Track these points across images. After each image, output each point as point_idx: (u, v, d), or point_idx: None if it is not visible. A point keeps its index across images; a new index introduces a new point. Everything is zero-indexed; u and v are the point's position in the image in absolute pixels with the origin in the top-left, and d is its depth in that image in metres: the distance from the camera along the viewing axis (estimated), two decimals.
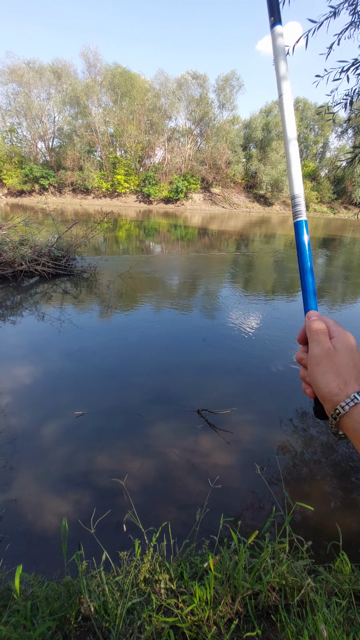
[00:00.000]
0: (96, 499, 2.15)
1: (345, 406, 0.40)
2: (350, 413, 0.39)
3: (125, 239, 14.96)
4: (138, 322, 5.19)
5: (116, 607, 1.23)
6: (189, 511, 2.06)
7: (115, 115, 38.01)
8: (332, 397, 0.42)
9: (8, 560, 1.67)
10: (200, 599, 1.20)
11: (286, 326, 5.18)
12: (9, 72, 37.69)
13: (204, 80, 39.72)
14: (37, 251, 7.21)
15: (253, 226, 23.83)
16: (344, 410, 0.40)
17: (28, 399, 3.20)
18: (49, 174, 38.85)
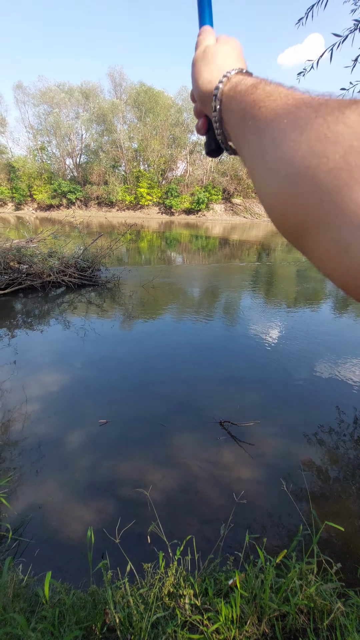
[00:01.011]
0: (119, 508, 2.17)
1: (219, 84, 0.35)
2: (224, 89, 0.34)
3: (148, 249, 15.26)
4: (160, 332, 5.25)
5: (141, 620, 1.23)
6: (212, 526, 2.03)
7: (139, 131, 39.37)
8: (210, 84, 0.37)
9: (34, 566, 1.71)
10: (225, 618, 1.18)
11: (309, 337, 5.06)
12: (41, 95, 40.09)
13: None
14: (64, 262, 7.50)
15: (275, 236, 23.62)
16: (221, 86, 0.35)
17: (54, 406, 3.29)
18: (76, 188, 40.57)
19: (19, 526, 2.04)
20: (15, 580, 1.45)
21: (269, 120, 0.26)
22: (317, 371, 4.04)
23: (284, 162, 0.24)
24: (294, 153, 0.23)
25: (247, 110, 0.30)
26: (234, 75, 0.35)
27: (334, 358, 4.39)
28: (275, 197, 0.25)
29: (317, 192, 0.21)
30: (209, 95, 0.36)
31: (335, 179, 0.20)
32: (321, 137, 0.21)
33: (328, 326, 5.70)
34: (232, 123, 0.34)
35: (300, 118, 0.23)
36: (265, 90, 0.29)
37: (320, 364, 4.22)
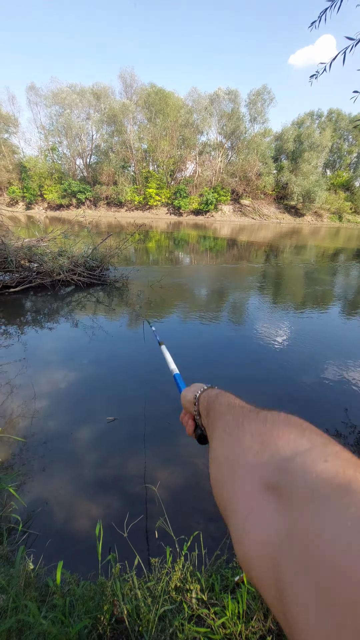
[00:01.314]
0: (126, 504, 2.20)
1: (198, 391, 0.58)
2: (201, 395, 0.56)
3: (156, 249, 15.33)
4: (167, 331, 5.28)
5: (148, 612, 1.26)
6: (218, 524, 2.04)
7: (149, 132, 39.57)
8: (194, 394, 0.59)
9: (44, 557, 1.74)
10: (232, 612, 1.20)
11: (316, 339, 5.03)
12: (53, 96, 40.56)
13: (236, 96, 40.43)
14: (73, 262, 7.59)
15: (283, 237, 23.50)
16: (198, 394, 0.57)
17: (62, 403, 3.34)
18: (86, 188, 40.90)
19: (28, 519, 2.09)
20: (26, 570, 1.49)
21: (212, 421, 0.45)
22: (324, 373, 4.02)
23: (214, 452, 0.38)
24: (219, 451, 0.36)
25: (210, 411, 0.49)
26: (209, 388, 0.58)
27: (341, 361, 4.36)
28: (212, 480, 0.36)
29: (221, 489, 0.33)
30: (192, 402, 0.59)
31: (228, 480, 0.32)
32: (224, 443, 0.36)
33: (336, 329, 5.66)
34: (203, 416, 0.53)
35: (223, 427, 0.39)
36: (219, 399, 0.49)
37: (328, 366, 4.20)
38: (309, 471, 0.24)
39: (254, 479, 0.28)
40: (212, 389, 0.58)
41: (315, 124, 44.67)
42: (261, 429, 0.32)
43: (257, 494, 0.27)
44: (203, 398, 0.55)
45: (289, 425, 0.31)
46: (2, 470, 2.46)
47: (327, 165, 49.56)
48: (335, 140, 46.02)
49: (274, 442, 0.29)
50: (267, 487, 0.27)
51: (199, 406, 0.56)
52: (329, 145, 44.10)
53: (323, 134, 42.84)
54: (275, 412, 0.35)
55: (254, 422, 0.34)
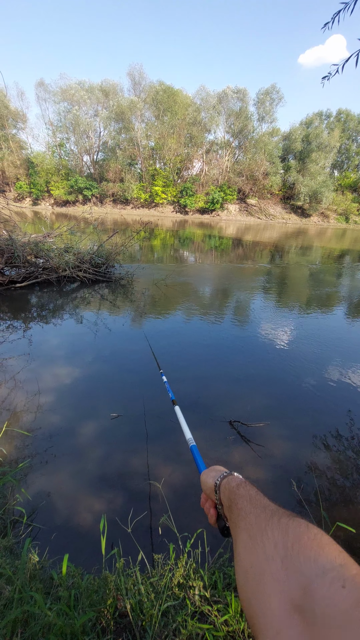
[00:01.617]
0: (129, 500, 2.21)
1: (219, 478, 0.59)
2: (222, 483, 0.57)
3: (161, 248, 15.32)
4: (171, 329, 5.29)
5: (151, 608, 1.27)
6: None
7: (156, 129, 39.48)
8: (213, 479, 0.60)
9: (48, 550, 1.76)
10: (235, 610, 1.20)
11: (321, 341, 5.01)
12: (61, 92, 40.60)
13: (244, 94, 40.21)
14: (79, 258, 7.62)
15: (289, 238, 23.38)
16: (218, 482, 0.58)
17: (66, 398, 3.36)
18: (92, 185, 40.95)
19: (32, 512, 2.11)
20: (31, 562, 1.50)
21: (235, 519, 0.46)
22: (328, 375, 4.00)
23: (239, 557, 0.39)
24: (245, 557, 0.38)
25: (232, 504, 0.50)
26: (229, 475, 0.59)
27: (346, 362, 4.34)
28: (238, 584, 0.38)
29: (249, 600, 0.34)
30: (212, 489, 0.59)
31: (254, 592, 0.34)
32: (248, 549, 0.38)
33: (341, 330, 5.64)
34: (225, 507, 0.53)
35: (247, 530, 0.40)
36: (240, 492, 0.50)
37: (331, 368, 4.18)
38: (328, 597, 0.27)
39: (280, 596, 0.31)
40: (232, 476, 0.59)
41: (324, 124, 44.32)
42: (285, 541, 0.35)
43: (284, 615, 0.29)
44: (224, 487, 0.56)
45: (310, 539, 0.34)
46: (7, 463, 2.48)
47: (334, 166, 49.19)
48: (343, 141, 45.64)
49: (297, 559, 0.32)
50: (293, 608, 0.29)
51: (220, 495, 0.57)
52: (337, 145, 43.73)
53: (331, 134, 42.50)
54: (296, 520, 0.37)
55: (276, 530, 0.37)
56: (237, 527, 0.44)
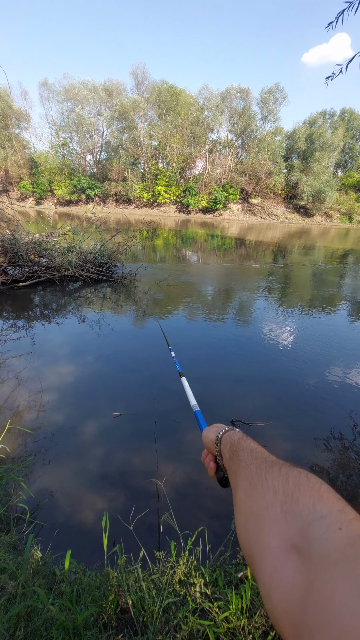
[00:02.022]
0: (131, 498, 2.22)
1: (221, 432, 0.61)
2: (223, 436, 0.60)
3: (164, 247, 15.34)
4: (174, 329, 5.30)
5: (153, 604, 1.28)
6: (221, 521, 2.06)
7: (159, 129, 39.46)
8: (215, 434, 0.63)
9: (51, 547, 1.78)
10: (235, 607, 1.21)
11: (323, 341, 5.00)
12: (65, 92, 40.67)
13: (248, 94, 40.10)
14: (82, 257, 7.64)
15: (292, 237, 23.31)
16: (220, 434, 0.61)
17: (69, 397, 3.38)
18: (95, 185, 41.00)
19: (35, 509, 2.13)
20: (34, 558, 1.52)
21: (235, 468, 0.48)
22: (330, 375, 4.00)
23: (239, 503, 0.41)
24: (244, 503, 0.40)
25: (233, 455, 0.52)
26: (230, 430, 0.61)
27: (348, 363, 4.33)
28: (238, 528, 0.40)
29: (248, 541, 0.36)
30: (214, 442, 0.62)
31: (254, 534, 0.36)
32: (248, 495, 0.40)
33: (343, 331, 5.62)
34: (225, 458, 0.56)
35: (248, 478, 0.43)
36: (241, 444, 0.53)
37: (333, 368, 4.18)
38: (324, 538, 0.28)
39: (279, 537, 0.32)
40: (233, 431, 0.61)
41: (328, 124, 44.09)
42: (284, 488, 0.36)
43: (282, 553, 0.31)
44: (225, 440, 0.58)
45: (309, 488, 0.35)
46: (10, 460, 2.50)
47: (338, 166, 48.95)
48: (347, 140, 45.41)
49: (296, 505, 0.33)
50: (290, 547, 0.31)
51: (220, 447, 0.59)
52: (341, 145, 43.51)
53: (335, 133, 42.29)
54: (296, 470, 0.39)
55: (276, 478, 0.38)
56: (238, 476, 0.46)
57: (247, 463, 0.46)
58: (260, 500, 0.37)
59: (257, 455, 0.47)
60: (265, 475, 0.40)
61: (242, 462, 0.48)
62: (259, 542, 0.34)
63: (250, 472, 0.43)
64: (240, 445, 0.52)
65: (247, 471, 0.44)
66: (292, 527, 0.32)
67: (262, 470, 0.42)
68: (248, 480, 0.42)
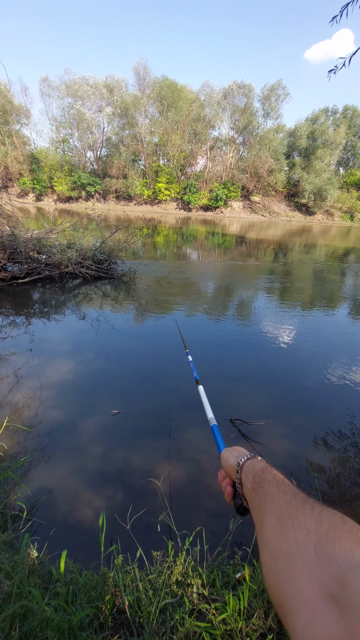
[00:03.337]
0: (129, 497, 2.21)
1: (242, 459, 0.59)
2: (245, 463, 0.58)
3: (164, 245, 15.29)
4: (173, 327, 5.27)
5: (149, 605, 1.27)
6: (219, 520, 2.05)
7: (160, 125, 39.23)
8: (235, 459, 0.61)
9: (47, 546, 1.77)
10: (233, 609, 1.20)
11: (322, 340, 4.98)
12: (65, 87, 40.40)
13: (250, 90, 39.82)
14: (82, 254, 7.61)
15: (293, 235, 23.24)
16: (242, 462, 0.59)
17: (67, 394, 3.36)
18: (96, 181, 40.84)
19: (32, 507, 2.11)
20: (30, 557, 1.51)
21: (260, 501, 0.46)
22: (329, 374, 3.98)
23: (267, 540, 0.39)
24: (273, 540, 0.38)
25: (256, 487, 0.49)
26: (253, 457, 0.60)
27: (347, 362, 4.32)
28: (265, 566, 0.38)
29: (278, 583, 0.34)
30: (235, 465, 0.60)
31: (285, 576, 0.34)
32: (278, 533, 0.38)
33: (343, 329, 5.60)
34: (247, 489, 0.53)
35: (276, 514, 0.40)
36: (265, 476, 0.50)
37: (333, 367, 4.16)
38: None
39: (313, 583, 0.30)
40: (255, 459, 0.59)
41: (330, 121, 43.80)
42: (318, 529, 0.34)
43: (318, 601, 0.29)
44: (247, 469, 0.56)
45: (345, 531, 0.33)
46: (7, 458, 2.49)
47: (340, 163, 48.67)
48: (349, 138, 45.13)
49: (331, 549, 0.32)
50: (326, 595, 0.29)
51: (241, 475, 0.57)
52: (343, 142, 43.25)
53: (337, 131, 42.03)
54: (330, 510, 0.37)
55: (309, 518, 0.36)
56: (263, 510, 0.44)
57: (274, 497, 0.44)
58: (291, 539, 0.35)
59: (284, 489, 0.45)
60: (296, 512, 0.38)
61: (268, 495, 0.45)
62: (291, 585, 0.32)
63: (278, 507, 0.41)
64: (265, 476, 0.50)
65: (274, 506, 0.42)
66: (327, 573, 0.30)
67: (292, 506, 0.40)
68: (276, 517, 0.40)
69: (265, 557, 0.38)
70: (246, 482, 0.55)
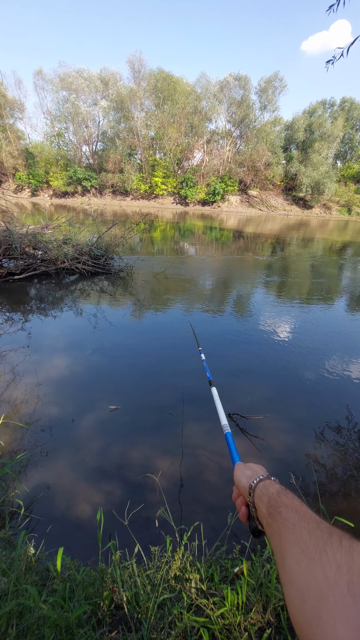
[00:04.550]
0: (128, 492, 2.21)
1: (254, 481, 0.58)
2: (257, 486, 0.56)
3: (161, 239, 15.20)
4: (171, 322, 5.25)
5: (147, 600, 1.26)
6: (218, 514, 2.05)
7: (156, 118, 38.78)
8: (247, 480, 0.60)
9: (45, 542, 1.76)
10: (231, 603, 1.19)
11: (321, 334, 4.98)
12: (60, 80, 39.80)
13: (246, 82, 39.37)
14: (78, 250, 7.54)
15: (290, 229, 23.16)
16: (254, 484, 0.57)
17: (65, 390, 3.35)
18: (92, 176, 40.45)
19: (30, 503, 2.11)
20: (27, 554, 1.50)
21: (278, 528, 0.43)
22: (327, 368, 3.98)
23: (291, 573, 0.36)
24: (299, 575, 0.35)
25: (272, 512, 0.47)
26: (265, 478, 0.58)
27: (345, 356, 4.32)
28: (291, 603, 0.35)
29: (308, 623, 0.32)
30: (247, 485, 0.58)
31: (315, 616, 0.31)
32: (304, 567, 0.35)
33: (341, 323, 5.60)
34: (262, 513, 0.51)
35: (299, 545, 0.38)
36: (282, 500, 0.47)
37: (331, 361, 4.16)
38: None
39: (349, 625, 0.29)
40: (268, 480, 0.57)
41: (327, 113, 43.42)
42: (350, 565, 0.32)
43: None
44: (260, 492, 0.54)
45: None
46: (5, 455, 2.48)
47: (337, 156, 48.39)
48: (347, 131, 44.80)
49: None
50: None
51: (254, 498, 0.55)
52: (341, 135, 42.94)
53: (335, 123, 41.69)
54: None
55: (338, 552, 0.34)
56: (284, 539, 0.41)
57: (294, 524, 0.41)
58: (320, 575, 0.33)
59: (305, 517, 0.42)
60: (323, 545, 0.36)
61: (287, 522, 0.43)
62: (324, 626, 0.30)
63: (301, 537, 0.39)
64: (282, 501, 0.48)
65: (296, 535, 0.39)
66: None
67: (318, 538, 0.37)
68: (300, 548, 0.37)
69: (291, 593, 0.35)
70: (260, 506, 0.52)
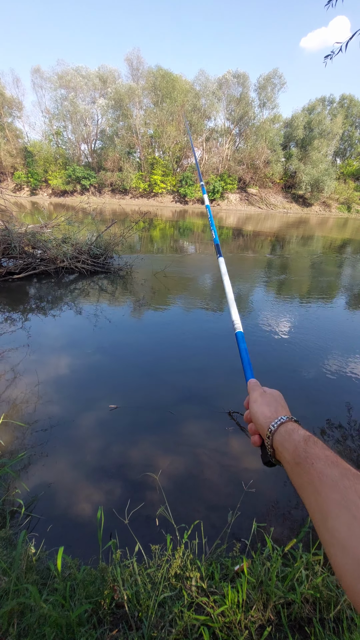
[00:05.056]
0: (128, 491, 2.21)
1: (274, 424, 0.52)
2: (278, 430, 0.51)
3: (160, 238, 15.18)
4: (171, 321, 5.25)
5: (148, 599, 1.26)
6: (218, 513, 2.05)
7: (155, 116, 38.64)
8: (266, 420, 0.55)
9: (45, 541, 1.76)
10: (231, 601, 1.20)
11: (320, 332, 4.98)
12: (58, 78, 39.61)
13: (245, 79, 39.18)
14: (77, 249, 7.53)
15: (290, 227, 23.13)
16: (273, 428, 0.52)
17: (65, 390, 3.35)
18: (90, 174, 40.33)
19: (30, 503, 2.11)
20: (28, 553, 1.50)
21: (312, 480, 0.40)
22: (326, 367, 3.98)
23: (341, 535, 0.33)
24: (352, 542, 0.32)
25: (301, 462, 0.43)
26: (287, 421, 0.52)
27: (345, 354, 4.32)
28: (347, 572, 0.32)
29: None
30: (266, 425, 0.54)
31: None
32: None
33: (341, 321, 5.60)
34: (285, 459, 0.48)
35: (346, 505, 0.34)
36: (314, 452, 0.43)
37: (330, 359, 4.16)
38: None
39: None
40: (291, 423, 0.52)
41: (327, 111, 43.27)
42: None
43: None
44: (282, 438, 0.49)
45: None
46: (6, 454, 2.48)
47: (337, 154, 48.25)
48: (346, 128, 44.66)
49: None
50: None
51: (273, 441, 0.51)
52: (340, 132, 42.80)
53: (334, 120, 41.56)
54: None
55: None
56: (323, 497, 0.37)
57: (334, 482, 0.37)
58: None
59: (347, 474, 0.38)
60: None
61: (325, 478, 0.39)
62: None
63: (349, 499, 0.35)
64: (313, 451, 0.43)
65: (341, 495, 0.36)
66: None
67: None
68: (351, 513, 0.34)
69: (343, 560, 0.33)
70: (283, 453, 0.48)
